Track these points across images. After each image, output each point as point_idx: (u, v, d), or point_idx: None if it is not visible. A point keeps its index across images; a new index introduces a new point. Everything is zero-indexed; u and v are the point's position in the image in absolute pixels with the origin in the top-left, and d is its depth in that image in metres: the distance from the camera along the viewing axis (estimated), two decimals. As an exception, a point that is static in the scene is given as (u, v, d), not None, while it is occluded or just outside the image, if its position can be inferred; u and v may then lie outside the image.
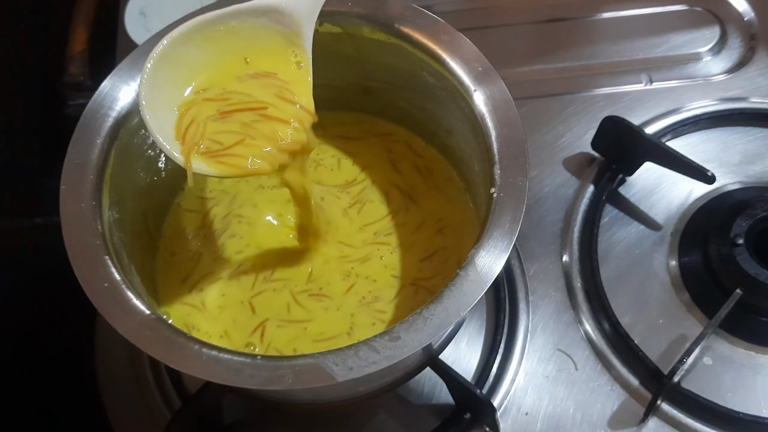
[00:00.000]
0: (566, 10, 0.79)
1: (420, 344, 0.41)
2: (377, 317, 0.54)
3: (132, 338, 0.43)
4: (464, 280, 0.44)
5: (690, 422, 0.58)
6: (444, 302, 0.43)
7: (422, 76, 0.55)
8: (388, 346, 0.41)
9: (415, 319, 0.42)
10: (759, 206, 0.61)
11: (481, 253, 0.44)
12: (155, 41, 0.47)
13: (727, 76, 0.74)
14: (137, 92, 0.49)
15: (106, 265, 0.45)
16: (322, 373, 0.41)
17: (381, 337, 0.42)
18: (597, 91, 0.74)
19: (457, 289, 0.43)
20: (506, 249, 0.45)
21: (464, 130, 0.53)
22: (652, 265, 0.65)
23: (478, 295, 0.43)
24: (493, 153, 0.48)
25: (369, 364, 0.41)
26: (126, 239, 0.50)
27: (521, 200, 0.46)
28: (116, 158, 0.50)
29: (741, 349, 0.61)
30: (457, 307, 0.43)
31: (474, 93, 0.50)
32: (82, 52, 0.76)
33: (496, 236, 0.45)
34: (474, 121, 0.50)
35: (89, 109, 0.50)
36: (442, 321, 0.42)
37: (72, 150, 0.49)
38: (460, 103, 0.52)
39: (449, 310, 0.43)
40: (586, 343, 0.61)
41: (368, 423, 0.58)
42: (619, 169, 0.68)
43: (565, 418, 0.58)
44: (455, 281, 0.44)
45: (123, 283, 0.45)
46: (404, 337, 0.42)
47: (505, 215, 0.46)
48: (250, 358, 0.42)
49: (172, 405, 0.59)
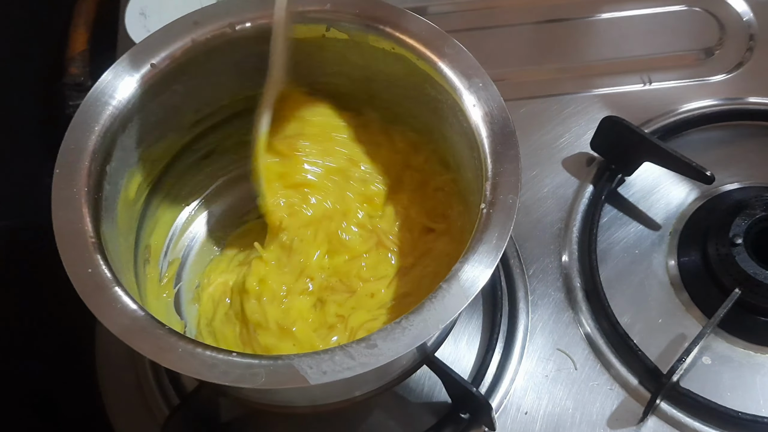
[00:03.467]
0: (565, 11, 0.79)
1: (396, 354, 0.41)
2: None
3: (100, 316, 0.43)
4: (446, 293, 0.43)
5: (689, 421, 0.58)
6: (424, 314, 0.43)
7: (424, 87, 0.54)
8: (364, 353, 0.41)
9: (394, 328, 0.42)
10: (757, 206, 0.61)
11: (465, 267, 0.44)
12: (156, 38, 0.48)
13: (726, 76, 0.75)
14: None
15: (90, 249, 0.45)
16: (295, 375, 0.41)
17: (357, 343, 0.42)
18: (596, 92, 0.74)
19: (438, 302, 0.43)
20: (491, 265, 0.44)
21: (461, 145, 0.53)
22: (651, 265, 0.65)
23: (458, 310, 0.43)
24: (487, 169, 0.48)
25: (343, 369, 0.41)
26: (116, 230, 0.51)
27: (510, 218, 0.46)
28: (114, 147, 0.50)
29: (740, 348, 0.61)
30: (437, 320, 0.43)
31: (473, 108, 0.50)
32: (83, 52, 0.76)
33: (482, 252, 0.45)
34: (471, 135, 0.50)
35: (89, 97, 0.50)
36: (420, 332, 0.42)
37: (69, 135, 0.49)
38: (458, 117, 0.52)
39: (428, 322, 0.42)
40: (586, 343, 0.61)
41: (365, 422, 0.58)
42: (618, 169, 0.68)
43: (564, 417, 0.58)
44: (437, 293, 0.44)
45: (103, 264, 0.45)
46: (381, 346, 0.42)
47: (492, 231, 0.46)
48: (224, 354, 0.42)
49: (171, 403, 0.59)
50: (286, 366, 0.41)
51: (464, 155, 0.53)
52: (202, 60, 0.54)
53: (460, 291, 0.43)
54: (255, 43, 0.54)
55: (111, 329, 0.43)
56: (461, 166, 0.55)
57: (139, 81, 0.51)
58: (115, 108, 0.50)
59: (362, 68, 0.57)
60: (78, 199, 0.47)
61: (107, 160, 0.50)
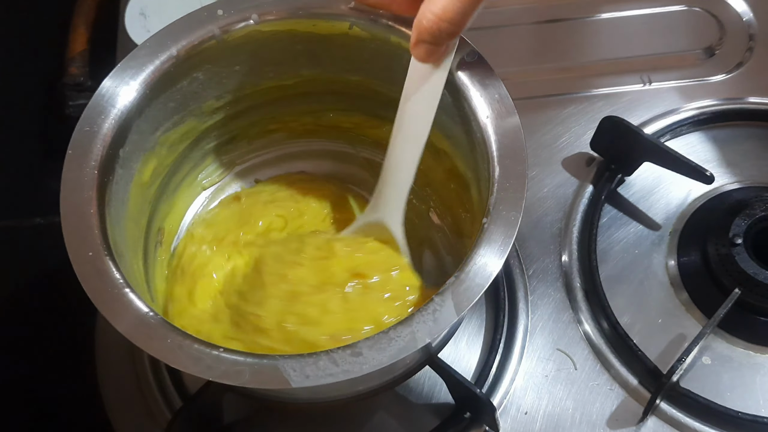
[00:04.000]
0: (565, 11, 0.79)
1: (380, 364, 0.41)
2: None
3: (90, 293, 0.43)
4: (438, 306, 0.43)
5: (689, 421, 0.58)
6: (412, 326, 0.42)
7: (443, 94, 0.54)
8: (348, 360, 0.41)
9: (381, 337, 0.42)
10: (757, 206, 0.61)
11: (459, 283, 0.44)
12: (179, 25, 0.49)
13: (726, 77, 0.75)
14: None
15: (94, 232, 0.45)
16: (278, 376, 0.41)
17: (343, 350, 0.42)
18: (596, 92, 0.74)
19: (428, 315, 0.43)
20: (487, 280, 0.44)
21: (470, 158, 0.53)
22: (651, 265, 0.65)
23: (448, 325, 0.43)
24: (493, 183, 0.48)
25: (326, 375, 0.41)
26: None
27: (510, 236, 0.45)
28: (129, 131, 0.50)
29: (739, 348, 0.61)
30: (424, 333, 0.42)
31: (486, 119, 0.50)
32: (83, 52, 0.76)
33: (478, 266, 0.45)
34: (483, 147, 0.50)
35: (108, 80, 0.50)
36: (407, 344, 0.42)
37: (84, 117, 0.49)
38: (473, 127, 0.51)
39: (415, 335, 0.42)
40: (585, 343, 0.62)
41: (368, 422, 0.59)
42: (618, 169, 0.68)
43: (564, 417, 0.58)
44: (428, 306, 0.43)
45: (104, 248, 0.45)
46: (366, 354, 0.41)
47: (491, 248, 0.45)
48: (212, 349, 0.42)
49: (172, 404, 0.59)
50: (270, 366, 0.41)
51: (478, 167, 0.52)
52: (224, 51, 0.54)
53: (450, 307, 0.43)
54: (277, 38, 0.54)
55: (95, 302, 0.43)
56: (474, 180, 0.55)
57: (159, 67, 0.51)
58: (134, 91, 0.50)
59: (385, 69, 0.56)
60: (87, 181, 0.47)
61: (121, 144, 0.50)
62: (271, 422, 0.59)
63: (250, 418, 0.59)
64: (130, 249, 0.51)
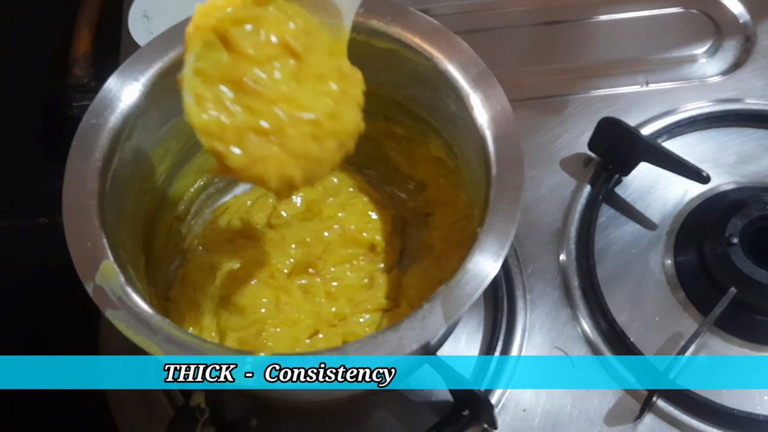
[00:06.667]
0: (563, 13, 0.80)
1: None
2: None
3: (84, 279, 0.44)
4: (427, 313, 0.43)
5: (685, 419, 0.58)
6: (401, 332, 0.43)
7: (446, 102, 0.55)
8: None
9: (369, 341, 0.42)
10: (753, 206, 0.61)
11: (449, 292, 0.44)
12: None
13: (723, 78, 0.75)
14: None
15: (93, 222, 0.46)
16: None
17: (330, 352, 0.42)
18: (594, 93, 0.75)
19: (417, 321, 0.43)
20: (476, 289, 0.44)
21: (471, 171, 0.53)
22: (647, 264, 0.65)
23: (436, 333, 0.43)
24: (489, 189, 0.48)
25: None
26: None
27: (503, 247, 0.46)
28: (136, 125, 0.51)
29: (736, 346, 0.61)
30: (411, 340, 0.42)
31: (486, 130, 0.50)
32: (86, 53, 0.77)
33: (470, 275, 0.45)
34: (484, 157, 0.50)
35: (115, 76, 0.51)
36: (394, 350, 0.42)
37: (91, 111, 0.49)
38: (474, 136, 0.51)
39: (402, 341, 0.42)
40: (583, 341, 0.62)
41: (367, 420, 0.59)
42: (616, 169, 0.68)
43: (562, 414, 0.59)
44: (417, 313, 0.43)
45: (103, 237, 0.46)
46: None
47: (484, 258, 0.45)
48: (199, 341, 0.43)
49: (175, 402, 0.59)
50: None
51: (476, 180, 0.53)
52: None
53: (439, 315, 0.43)
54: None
55: (88, 288, 0.44)
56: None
57: (165, 67, 0.52)
58: (141, 87, 0.51)
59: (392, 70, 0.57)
60: (89, 173, 0.47)
61: (127, 137, 0.50)
62: (272, 419, 0.59)
63: (252, 415, 0.59)
64: (131, 240, 0.51)
